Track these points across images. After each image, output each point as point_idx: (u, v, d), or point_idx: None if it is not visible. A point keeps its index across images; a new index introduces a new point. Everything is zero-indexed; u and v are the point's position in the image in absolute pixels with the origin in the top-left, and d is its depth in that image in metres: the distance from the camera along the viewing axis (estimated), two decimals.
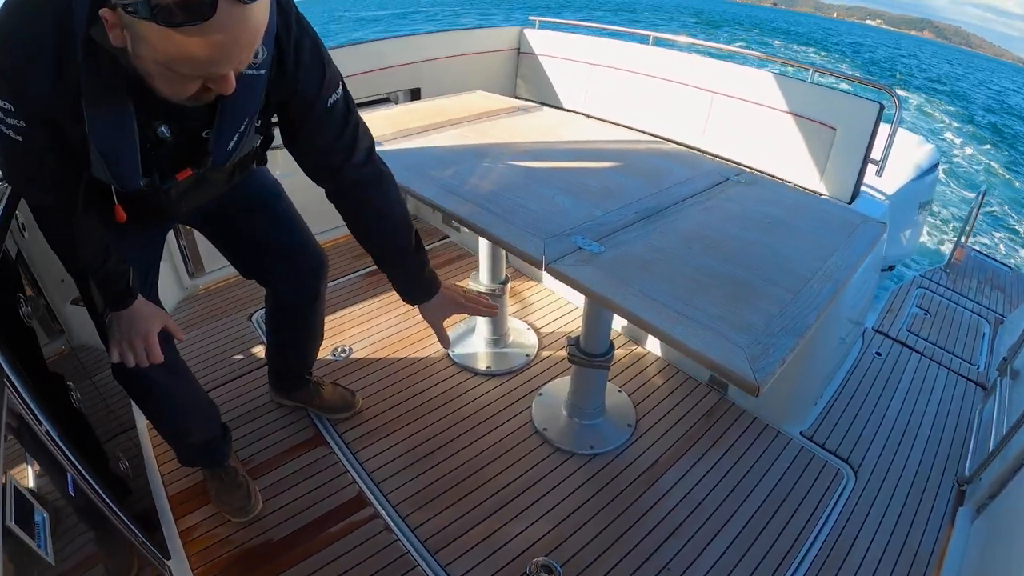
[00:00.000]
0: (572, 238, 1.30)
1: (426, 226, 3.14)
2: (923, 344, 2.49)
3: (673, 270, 1.22)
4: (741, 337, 1.01)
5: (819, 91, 2.22)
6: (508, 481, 1.78)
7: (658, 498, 1.74)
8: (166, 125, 0.94)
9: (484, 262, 2.12)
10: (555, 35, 3.11)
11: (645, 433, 1.95)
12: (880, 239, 1.42)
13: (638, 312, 1.06)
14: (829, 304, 1.13)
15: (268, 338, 1.82)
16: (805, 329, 1.05)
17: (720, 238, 1.35)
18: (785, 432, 1.96)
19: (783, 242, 1.35)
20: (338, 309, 2.48)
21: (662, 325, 1.03)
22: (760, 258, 1.28)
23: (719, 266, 1.24)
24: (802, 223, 1.46)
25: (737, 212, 1.50)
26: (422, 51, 2.88)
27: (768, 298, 1.13)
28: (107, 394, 1.81)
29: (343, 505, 1.67)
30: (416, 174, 1.63)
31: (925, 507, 1.75)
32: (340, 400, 1.96)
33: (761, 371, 0.93)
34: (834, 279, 1.21)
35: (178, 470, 1.72)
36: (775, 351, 0.98)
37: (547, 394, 2.09)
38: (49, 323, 1.64)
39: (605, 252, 1.26)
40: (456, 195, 1.52)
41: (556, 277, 1.21)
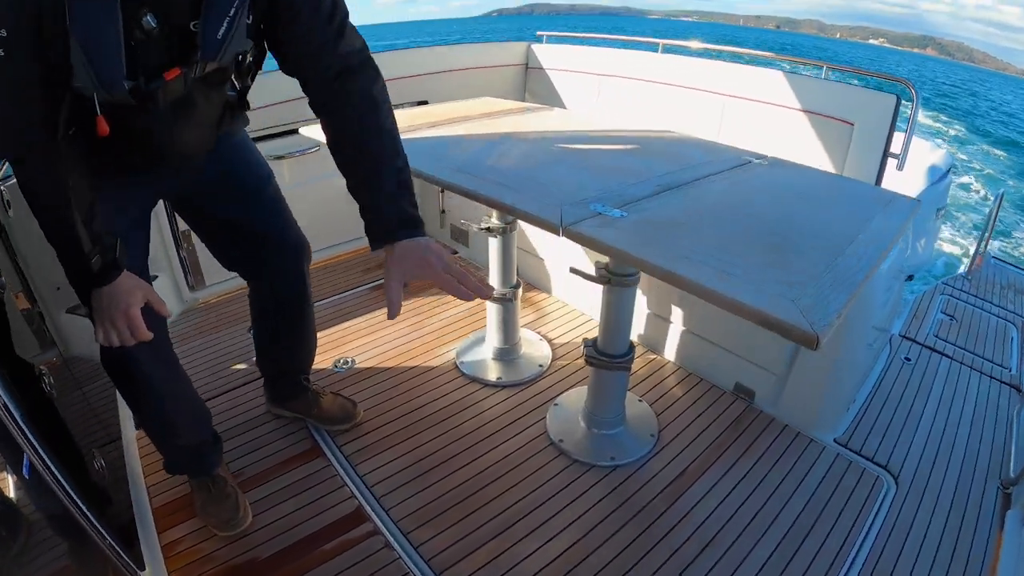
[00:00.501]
0: (590, 205, 1.20)
1: None
2: (952, 349, 2.35)
3: (703, 232, 1.11)
4: (789, 290, 0.89)
5: (834, 87, 2.15)
6: (521, 496, 1.63)
7: (686, 511, 1.58)
8: (152, 14, 0.90)
9: (495, 264, 2.02)
10: (563, 48, 3.09)
11: (669, 443, 1.80)
12: (915, 213, 1.31)
13: (672, 268, 0.95)
14: (877, 264, 1.01)
15: (256, 340, 1.72)
16: (855, 286, 0.93)
17: (749, 207, 1.25)
18: (818, 439, 1.80)
19: (816, 212, 1.24)
20: (342, 321, 2.38)
21: (700, 279, 0.91)
22: (795, 223, 1.17)
23: (752, 229, 1.13)
24: (833, 197, 1.35)
25: (764, 187, 1.40)
26: (429, 64, 2.87)
27: (810, 257, 1.02)
28: (97, 405, 1.71)
29: (340, 520, 1.53)
30: (425, 158, 1.55)
31: (972, 512, 1.59)
32: (340, 410, 1.83)
33: (818, 323, 0.81)
34: (877, 242, 1.09)
35: (164, 481, 1.60)
36: (829, 304, 0.86)
37: (563, 404, 1.95)
38: (42, 333, 1.56)
39: (628, 216, 1.16)
40: (466, 173, 1.43)
41: (575, 240, 1.11)
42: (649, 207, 1.21)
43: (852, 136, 2.06)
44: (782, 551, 1.46)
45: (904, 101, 1.96)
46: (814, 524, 1.53)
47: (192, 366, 2.08)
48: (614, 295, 1.62)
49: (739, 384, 1.98)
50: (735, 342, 1.97)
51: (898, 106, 1.94)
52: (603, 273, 1.60)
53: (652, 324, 2.20)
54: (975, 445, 1.84)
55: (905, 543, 1.48)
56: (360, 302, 2.52)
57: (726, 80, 2.44)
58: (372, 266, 2.82)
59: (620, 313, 1.65)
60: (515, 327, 2.15)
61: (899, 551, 1.46)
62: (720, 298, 0.88)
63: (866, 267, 0.99)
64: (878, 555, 1.44)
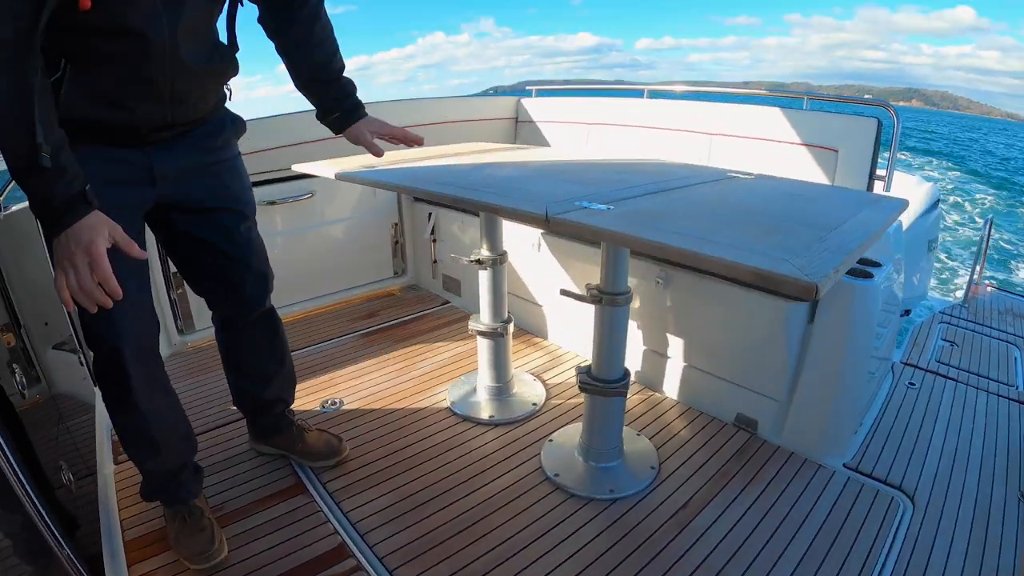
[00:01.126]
0: (576, 202, 1.20)
1: (425, 293, 3.06)
2: (955, 372, 2.31)
3: (691, 220, 1.10)
4: (783, 253, 0.88)
5: (816, 116, 2.24)
6: (515, 531, 1.52)
7: (692, 542, 1.47)
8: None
9: (485, 299, 2.00)
10: (552, 101, 3.24)
11: (671, 475, 1.71)
12: (903, 212, 1.32)
13: (662, 240, 0.93)
14: (871, 239, 1.00)
15: (229, 375, 1.67)
16: (850, 251, 0.90)
17: (737, 203, 1.26)
18: (827, 465, 1.72)
19: (804, 206, 1.25)
20: (330, 366, 2.33)
21: (691, 247, 0.89)
22: (783, 214, 1.17)
23: (741, 217, 1.13)
24: (820, 197, 1.37)
25: (751, 191, 1.42)
26: (419, 115, 2.98)
27: (801, 234, 1.01)
28: (78, 438, 1.64)
29: (321, 557, 1.42)
30: (414, 178, 1.57)
31: (995, 526, 1.50)
32: (325, 446, 1.75)
33: (814, 274, 0.78)
34: (868, 226, 1.08)
35: (140, 515, 1.51)
36: (825, 262, 0.84)
37: (558, 441, 1.87)
38: (27, 367, 1.53)
39: (613, 209, 1.15)
40: (453, 185, 1.45)
41: (560, 229, 1.10)
42: (635, 204, 1.22)
43: (837, 162, 2.12)
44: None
45: (885, 124, 2.03)
46: (830, 549, 1.43)
47: None
48: (606, 316, 1.60)
49: (740, 415, 1.92)
50: (733, 371, 1.92)
51: (880, 129, 2.01)
52: (594, 293, 1.58)
53: (648, 360, 2.16)
54: (990, 460, 1.76)
55: (929, 561, 1.38)
56: (349, 348, 2.48)
57: (711, 119, 2.54)
58: (360, 316, 2.80)
59: (613, 335, 1.62)
60: (507, 365, 2.10)
61: (923, 570, 1.35)
62: (712, 261, 0.86)
63: (861, 239, 0.98)
64: (902, 574, 1.34)
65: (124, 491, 1.60)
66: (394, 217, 3.03)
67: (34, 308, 1.65)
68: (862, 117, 2.07)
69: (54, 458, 1.36)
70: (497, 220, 1.92)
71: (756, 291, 1.77)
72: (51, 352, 1.71)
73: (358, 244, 2.95)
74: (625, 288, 1.57)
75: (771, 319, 1.77)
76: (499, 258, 1.95)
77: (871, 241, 1.01)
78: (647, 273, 2.03)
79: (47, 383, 1.63)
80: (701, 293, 1.92)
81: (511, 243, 2.07)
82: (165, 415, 1.37)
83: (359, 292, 3.01)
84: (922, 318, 2.84)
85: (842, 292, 1.65)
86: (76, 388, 1.80)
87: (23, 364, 1.52)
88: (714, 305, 1.91)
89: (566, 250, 2.30)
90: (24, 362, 1.53)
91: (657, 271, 2.00)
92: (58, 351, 1.76)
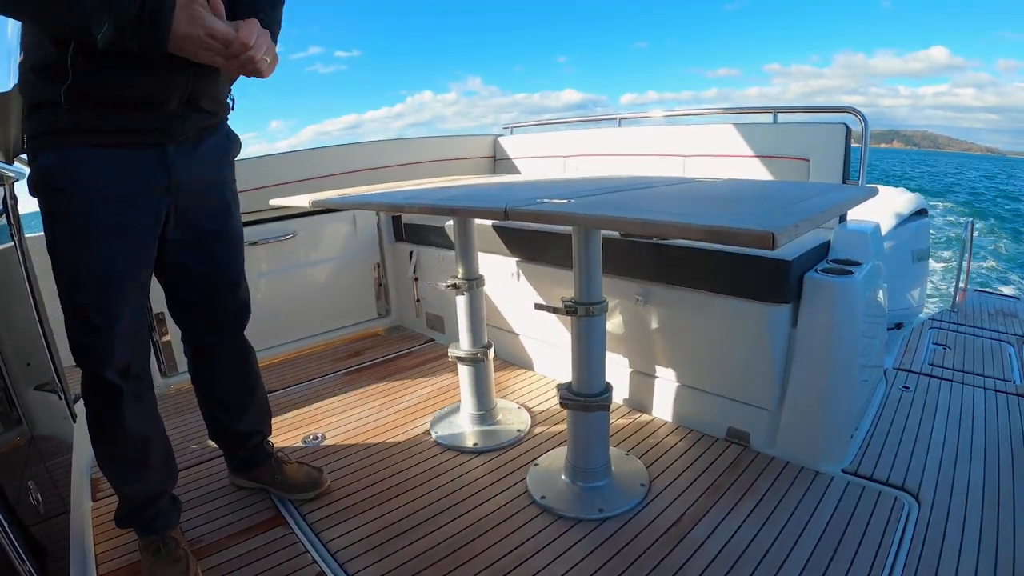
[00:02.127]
0: (536, 200, 1.20)
1: (410, 332, 3.03)
2: (950, 373, 2.28)
3: (654, 202, 1.11)
4: (741, 216, 0.87)
5: (786, 128, 2.29)
6: (500, 555, 1.45)
7: (688, 556, 1.40)
8: None
9: (463, 324, 1.98)
10: (528, 137, 3.31)
11: (662, 492, 1.65)
12: (867, 200, 1.33)
13: (626, 214, 0.93)
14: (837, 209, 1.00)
15: (202, 405, 1.63)
16: (812, 213, 0.90)
17: (699, 193, 1.27)
18: (825, 471, 1.66)
19: (768, 190, 1.26)
20: (313, 404, 2.28)
21: (643, 216, 0.89)
22: (746, 195, 1.18)
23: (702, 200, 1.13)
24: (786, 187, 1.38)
25: (717, 186, 1.43)
26: (396, 155, 3.04)
27: (762, 207, 1.01)
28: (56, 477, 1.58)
29: None
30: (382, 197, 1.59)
31: (1006, 517, 1.44)
32: (305, 477, 1.69)
33: (771, 225, 0.78)
34: (833, 200, 1.09)
35: (115, 549, 1.47)
36: (784, 218, 0.83)
37: (543, 464, 1.81)
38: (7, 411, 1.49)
39: (574, 204, 1.16)
40: (418, 201, 1.46)
41: (519, 218, 1.10)
42: (598, 199, 1.23)
43: (809, 171, 2.16)
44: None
45: (852, 128, 2.08)
46: (834, 555, 1.36)
47: None
48: (582, 328, 1.58)
49: (732, 428, 1.87)
50: (720, 384, 1.89)
51: (849, 134, 2.06)
52: (569, 305, 1.57)
53: (634, 381, 2.12)
54: (994, 453, 1.71)
55: (941, 557, 1.31)
56: (332, 387, 2.43)
57: (684, 141, 2.60)
58: (344, 356, 2.76)
59: (592, 348, 1.59)
60: (490, 391, 2.06)
61: (935, 567, 1.29)
62: (663, 225, 0.86)
63: (823, 207, 0.98)
64: (913, 573, 1.28)
65: (100, 527, 1.56)
66: (376, 258, 3.04)
67: (16, 347, 1.61)
68: (829, 124, 2.12)
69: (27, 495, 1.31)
70: (472, 245, 1.93)
71: (736, 298, 1.77)
72: (32, 393, 1.67)
73: (341, 286, 2.95)
74: (599, 298, 1.56)
75: (754, 326, 1.75)
76: (475, 282, 1.94)
77: (835, 211, 1.01)
78: (626, 291, 2.02)
79: (28, 425, 1.58)
80: (681, 306, 1.91)
81: (489, 274, 2.08)
82: (150, 438, 1.37)
83: (343, 334, 2.99)
84: (912, 327, 2.82)
85: (823, 291, 1.65)
86: (58, 430, 1.75)
87: (4, 406, 1.48)
88: (696, 317, 1.90)
89: (544, 276, 2.30)
90: (5, 403, 1.49)
91: (636, 288, 1.99)
92: (40, 392, 1.71)
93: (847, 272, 1.66)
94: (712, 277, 1.81)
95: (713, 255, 1.79)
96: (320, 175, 2.82)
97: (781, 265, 1.66)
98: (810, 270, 1.72)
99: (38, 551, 1.11)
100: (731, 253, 1.75)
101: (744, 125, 2.39)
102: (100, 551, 1.47)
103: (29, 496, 1.20)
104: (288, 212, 2.68)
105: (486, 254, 2.37)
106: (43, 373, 1.76)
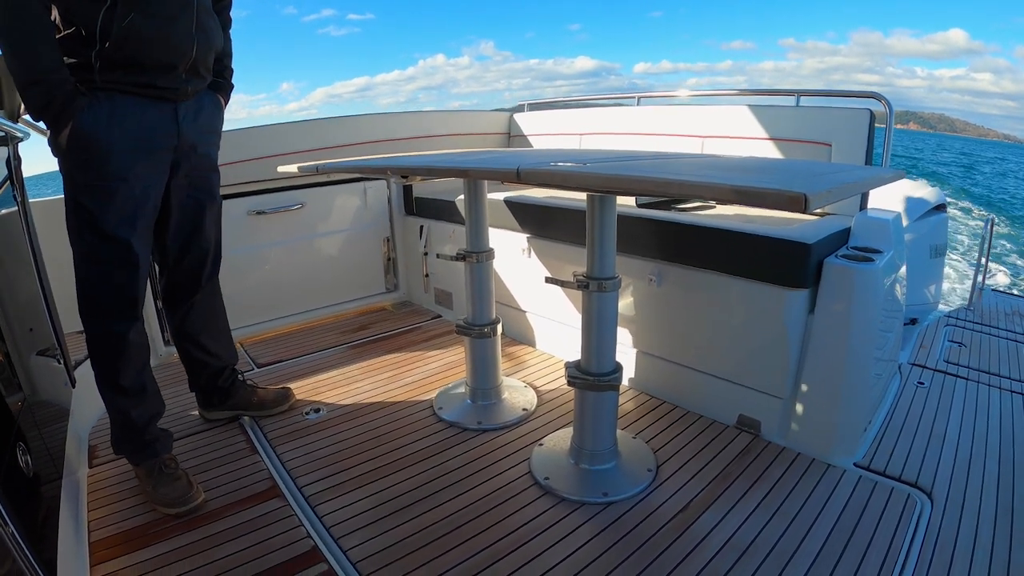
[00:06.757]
0: (549, 163, 1.14)
1: (418, 308, 2.99)
2: (965, 371, 2.20)
3: (677, 169, 1.04)
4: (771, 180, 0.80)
5: (808, 112, 2.19)
6: (501, 535, 1.41)
7: (694, 544, 1.36)
8: None
9: (471, 297, 1.93)
10: (544, 114, 3.22)
11: (670, 478, 1.60)
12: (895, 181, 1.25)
13: (633, 173, 0.86)
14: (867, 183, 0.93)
15: (184, 349, 1.80)
16: (845, 183, 0.83)
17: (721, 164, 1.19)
18: (837, 464, 1.60)
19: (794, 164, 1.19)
20: (317, 376, 2.25)
21: (663, 175, 0.82)
22: (771, 164, 1.10)
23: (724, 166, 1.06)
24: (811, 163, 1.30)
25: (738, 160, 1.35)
26: (409, 128, 2.97)
27: (790, 173, 0.94)
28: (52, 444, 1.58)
29: (291, 560, 1.31)
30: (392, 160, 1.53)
31: (1019, 522, 1.38)
32: (276, 395, 1.95)
33: (802, 187, 0.71)
34: (856, 175, 1.02)
35: (107, 516, 1.47)
36: (820, 184, 0.76)
37: (548, 444, 1.77)
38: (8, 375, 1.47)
39: (588, 167, 1.09)
40: (428, 163, 1.40)
41: (531, 181, 1.03)
42: (611, 164, 1.16)
43: (831, 156, 2.06)
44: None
45: (877, 114, 1.98)
46: (844, 550, 1.31)
47: None
48: (593, 304, 1.52)
49: (743, 416, 1.81)
50: (733, 369, 1.83)
51: (872, 121, 1.96)
52: (580, 279, 1.51)
53: (644, 363, 2.06)
54: (1008, 453, 1.65)
55: (953, 557, 1.25)
56: (337, 359, 2.40)
57: (703, 122, 2.50)
58: (351, 329, 2.73)
59: (602, 324, 1.53)
60: (496, 368, 2.01)
61: (948, 566, 1.23)
62: (690, 186, 0.79)
63: (853, 179, 0.91)
64: (924, 573, 1.22)
65: (95, 494, 1.56)
66: (386, 231, 2.98)
67: (18, 314, 1.59)
68: (853, 109, 2.02)
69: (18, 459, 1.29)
70: (483, 215, 1.86)
71: (753, 281, 1.70)
72: (35, 358, 1.65)
73: (350, 258, 2.90)
74: (612, 273, 1.49)
75: (770, 311, 1.68)
76: (485, 254, 1.89)
77: (867, 184, 0.94)
78: (640, 271, 1.95)
79: (28, 391, 1.57)
80: (696, 287, 1.85)
81: (499, 250, 2.02)
82: (146, 366, 1.58)
83: (351, 307, 2.95)
84: (927, 323, 2.74)
85: (844, 277, 1.57)
86: (58, 395, 1.73)
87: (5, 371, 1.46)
88: (710, 300, 1.83)
89: (555, 253, 2.24)
90: (7, 369, 1.48)
91: (650, 268, 1.93)
92: (42, 358, 1.69)
93: (868, 259, 1.58)
94: (729, 258, 1.74)
95: (731, 235, 1.72)
96: (330, 145, 2.75)
97: (800, 249, 1.59)
98: (830, 255, 1.64)
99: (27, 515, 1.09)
100: (750, 234, 1.68)
101: (765, 107, 2.29)
102: (92, 518, 1.46)
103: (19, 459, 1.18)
104: (297, 182, 2.63)
105: (497, 229, 2.31)
106: (45, 339, 1.75)
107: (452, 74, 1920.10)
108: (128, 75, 1.34)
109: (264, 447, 1.77)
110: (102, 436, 1.82)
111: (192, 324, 1.76)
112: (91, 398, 1.91)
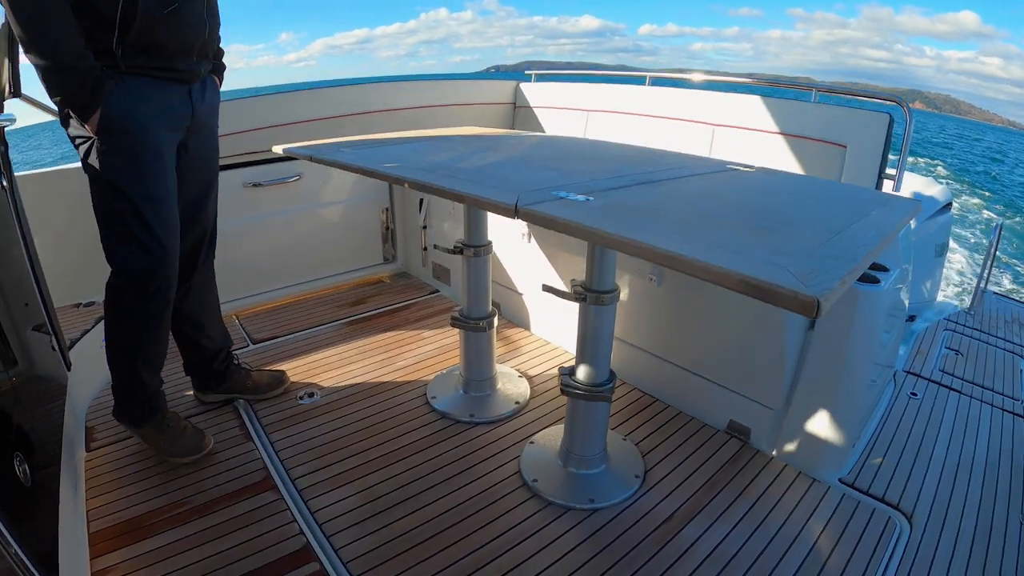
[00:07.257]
0: (552, 192, 1.10)
1: (415, 281, 2.97)
2: (959, 383, 2.22)
3: (679, 216, 1.00)
4: (781, 258, 0.77)
5: (825, 110, 2.11)
6: (488, 539, 1.44)
7: (677, 556, 1.39)
8: None
9: (468, 290, 1.91)
10: (551, 86, 3.11)
11: (656, 485, 1.63)
12: (915, 213, 1.21)
13: (645, 240, 0.83)
14: (881, 245, 0.90)
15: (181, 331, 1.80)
16: (857, 261, 0.80)
17: (733, 198, 1.15)
18: (822, 479, 1.63)
19: (808, 204, 1.15)
20: (312, 353, 2.26)
21: (674, 249, 0.79)
22: (785, 213, 1.07)
23: (736, 215, 1.03)
24: (826, 195, 1.26)
25: (750, 185, 1.31)
26: (415, 97, 2.88)
27: (803, 237, 0.91)
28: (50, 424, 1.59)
29: (284, 559, 1.35)
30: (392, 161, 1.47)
31: (995, 549, 1.42)
32: (270, 379, 1.97)
33: (816, 287, 0.69)
34: (879, 228, 0.98)
35: (106, 506, 1.49)
36: (830, 272, 0.74)
37: (539, 443, 1.79)
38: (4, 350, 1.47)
39: (593, 201, 1.06)
40: (423, 169, 1.35)
41: (530, 220, 1.00)
42: (619, 195, 1.12)
43: (845, 159, 2.00)
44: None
45: (897, 121, 1.91)
46: (821, 570, 1.35)
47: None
48: (591, 315, 1.50)
49: (733, 422, 1.83)
50: (727, 375, 1.83)
51: (891, 126, 1.89)
52: (578, 290, 1.49)
53: (638, 360, 2.07)
54: (992, 479, 1.67)
55: None
56: (332, 337, 2.40)
57: (714, 109, 2.41)
58: (348, 303, 2.72)
59: (598, 336, 1.52)
60: (490, 360, 2.01)
61: None
62: (698, 266, 0.76)
63: (870, 243, 0.88)
64: None
65: (93, 480, 1.58)
66: (385, 202, 2.93)
67: (14, 288, 1.58)
68: (873, 112, 1.94)
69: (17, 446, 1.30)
70: (482, 212, 1.82)
71: None
72: (30, 333, 1.64)
73: (348, 229, 2.86)
74: (611, 286, 1.47)
75: (770, 323, 1.67)
76: (482, 248, 1.85)
77: (881, 247, 0.90)
78: (640, 269, 1.93)
79: (24, 366, 1.57)
80: (697, 292, 1.83)
81: (499, 232, 1.97)
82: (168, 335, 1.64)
83: (348, 278, 2.93)
84: (927, 323, 2.73)
85: (846, 297, 1.55)
86: (53, 371, 1.74)
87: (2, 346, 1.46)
88: (711, 305, 1.81)
89: (555, 241, 2.20)
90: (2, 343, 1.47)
91: (650, 267, 1.90)
92: (37, 333, 1.69)
93: (873, 279, 1.56)
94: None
95: None
96: (332, 115, 2.67)
97: None
98: None
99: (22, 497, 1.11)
100: None
101: (780, 101, 2.20)
102: (91, 507, 1.48)
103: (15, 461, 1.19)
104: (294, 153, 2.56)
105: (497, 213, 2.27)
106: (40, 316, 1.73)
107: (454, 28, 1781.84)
108: (151, 59, 1.38)
109: (258, 434, 1.79)
110: (98, 416, 1.84)
111: (190, 305, 1.77)
112: (87, 377, 1.92)
